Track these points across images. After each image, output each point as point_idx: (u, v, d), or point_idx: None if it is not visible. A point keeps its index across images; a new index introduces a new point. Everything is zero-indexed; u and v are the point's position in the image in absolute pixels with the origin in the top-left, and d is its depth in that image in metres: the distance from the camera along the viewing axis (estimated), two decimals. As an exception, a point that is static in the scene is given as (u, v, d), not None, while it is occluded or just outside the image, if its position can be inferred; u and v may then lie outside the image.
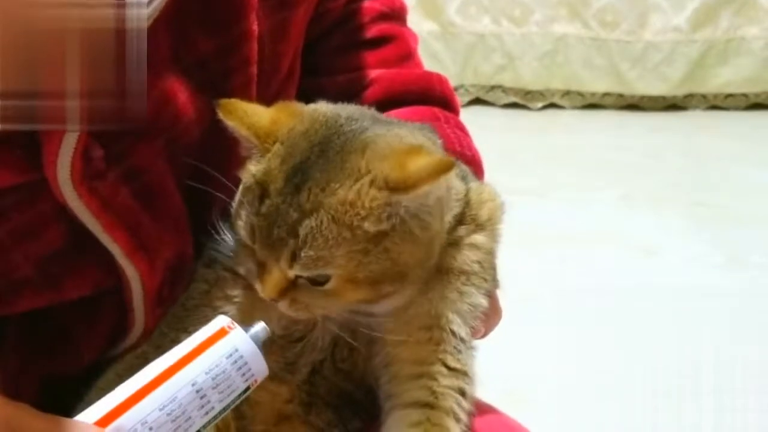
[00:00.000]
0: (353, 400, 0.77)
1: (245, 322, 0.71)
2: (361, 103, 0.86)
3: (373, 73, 0.92)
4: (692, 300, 2.16)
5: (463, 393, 0.73)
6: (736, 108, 3.26)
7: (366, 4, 0.95)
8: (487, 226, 0.76)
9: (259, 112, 0.70)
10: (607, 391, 1.86)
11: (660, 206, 2.63)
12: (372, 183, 0.65)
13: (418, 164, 0.65)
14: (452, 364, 0.73)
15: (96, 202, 0.70)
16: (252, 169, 0.69)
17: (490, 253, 0.76)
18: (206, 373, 0.62)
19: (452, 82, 3.66)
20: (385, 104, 0.89)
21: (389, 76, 0.92)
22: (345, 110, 0.73)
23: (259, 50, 0.78)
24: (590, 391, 1.85)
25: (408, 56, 0.96)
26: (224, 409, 0.64)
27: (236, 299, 0.75)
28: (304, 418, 0.76)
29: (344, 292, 0.68)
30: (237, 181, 0.75)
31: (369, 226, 0.65)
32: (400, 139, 0.69)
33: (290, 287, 0.68)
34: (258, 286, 0.69)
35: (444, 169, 0.65)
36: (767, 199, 2.65)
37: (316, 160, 0.66)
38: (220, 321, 0.65)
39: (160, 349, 0.75)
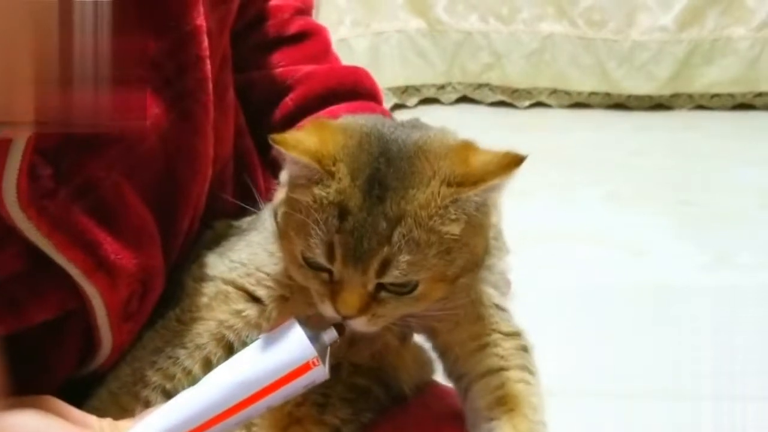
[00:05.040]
0: (369, 393, 0.79)
1: (254, 335, 0.73)
2: (298, 98, 0.92)
3: (305, 69, 0.95)
4: (678, 299, 2.16)
5: (525, 349, 0.77)
6: (722, 108, 3.27)
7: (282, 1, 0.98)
8: None
9: (305, 136, 0.69)
10: (592, 390, 1.86)
11: (646, 205, 2.63)
12: (442, 182, 0.67)
13: (482, 159, 0.67)
14: (506, 329, 0.77)
15: (46, 222, 0.67)
16: (320, 192, 0.67)
17: (497, 222, 0.78)
18: (283, 398, 0.67)
19: (439, 80, 3.62)
20: (322, 99, 0.93)
21: (323, 72, 0.95)
22: (370, 119, 0.73)
23: (209, 45, 0.77)
24: (575, 390, 1.85)
25: (328, 50, 1.00)
26: None
27: (244, 313, 0.76)
28: (318, 418, 0.77)
29: (430, 293, 0.69)
30: (204, 188, 0.75)
31: (447, 225, 0.66)
32: (444, 135, 0.71)
33: (371, 302, 0.68)
34: (329, 306, 0.69)
35: (516, 162, 0.67)
36: (753, 199, 2.66)
37: (387, 170, 0.67)
38: (305, 353, 0.66)
39: (155, 365, 0.74)
